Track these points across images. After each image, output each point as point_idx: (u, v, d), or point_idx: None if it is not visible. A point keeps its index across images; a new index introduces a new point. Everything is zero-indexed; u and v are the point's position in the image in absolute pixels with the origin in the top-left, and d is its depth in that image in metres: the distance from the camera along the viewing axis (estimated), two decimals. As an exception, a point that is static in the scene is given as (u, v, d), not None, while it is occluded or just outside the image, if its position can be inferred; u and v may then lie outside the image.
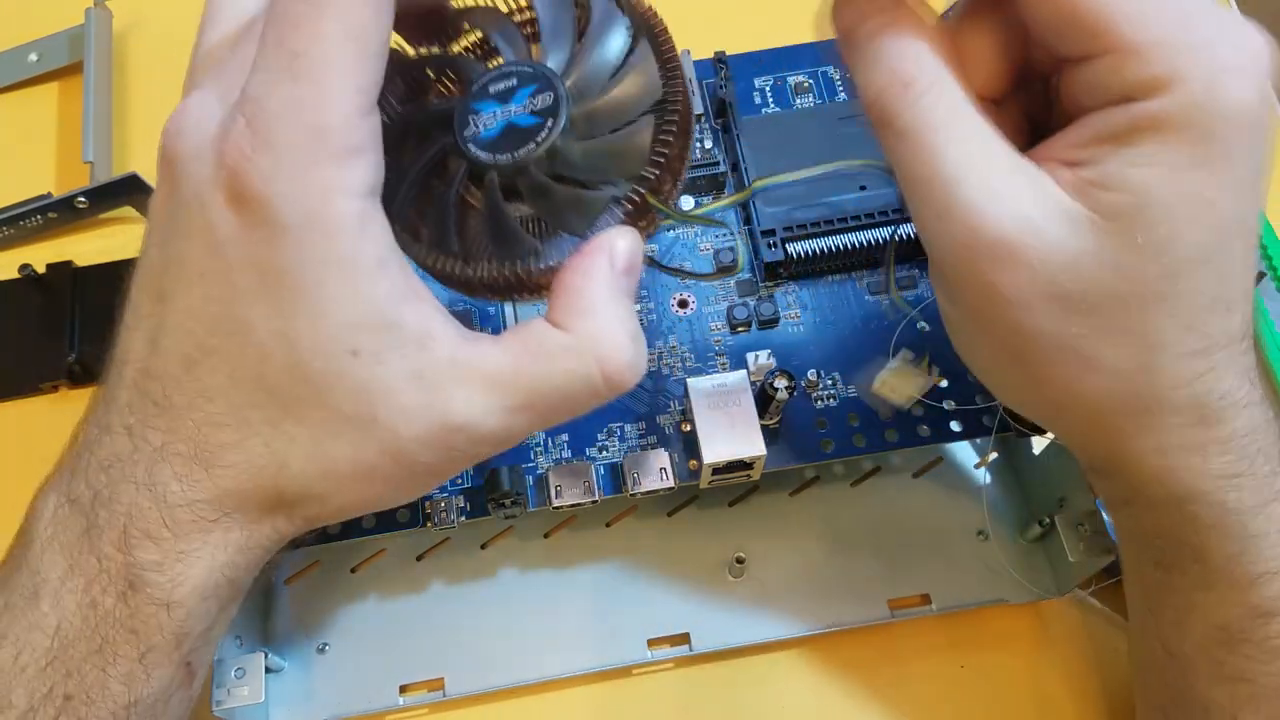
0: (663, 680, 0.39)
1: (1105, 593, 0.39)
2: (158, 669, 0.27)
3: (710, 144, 0.41)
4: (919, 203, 0.26)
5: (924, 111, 0.25)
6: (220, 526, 0.26)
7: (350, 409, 0.25)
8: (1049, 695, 0.38)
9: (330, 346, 0.25)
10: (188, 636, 0.27)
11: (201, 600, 0.27)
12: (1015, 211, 0.25)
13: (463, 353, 0.26)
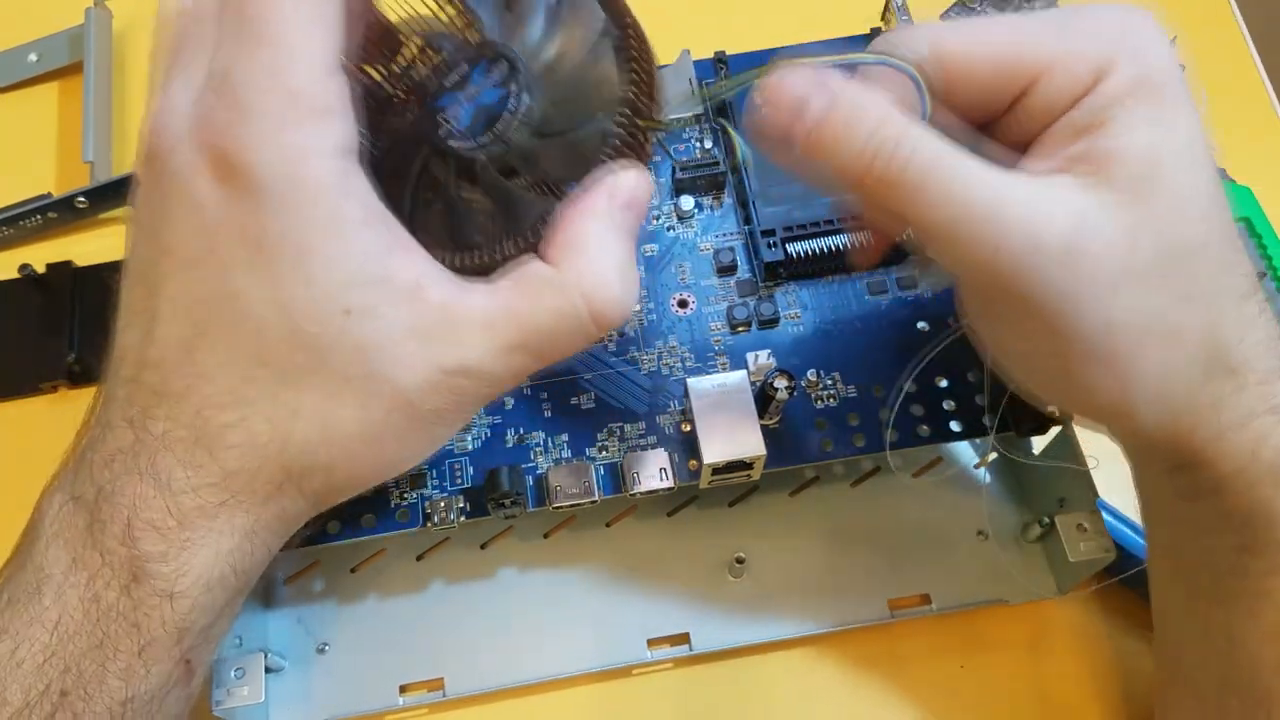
0: (663, 680, 0.39)
1: (1105, 592, 0.39)
2: (157, 664, 0.26)
3: (710, 144, 0.41)
4: (962, 240, 0.26)
5: (926, 156, 0.26)
6: (226, 510, 0.26)
7: (349, 369, 0.25)
8: (1049, 695, 0.38)
9: (323, 308, 0.25)
10: (189, 631, 0.27)
11: (205, 591, 0.26)
12: (1067, 209, 0.26)
13: (455, 299, 0.26)
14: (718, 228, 0.40)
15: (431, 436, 0.28)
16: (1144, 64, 0.26)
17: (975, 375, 0.37)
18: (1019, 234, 0.25)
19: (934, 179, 0.26)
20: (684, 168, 0.40)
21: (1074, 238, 0.25)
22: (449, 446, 0.36)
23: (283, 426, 0.26)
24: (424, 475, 0.35)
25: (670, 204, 0.40)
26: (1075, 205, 0.26)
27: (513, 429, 0.36)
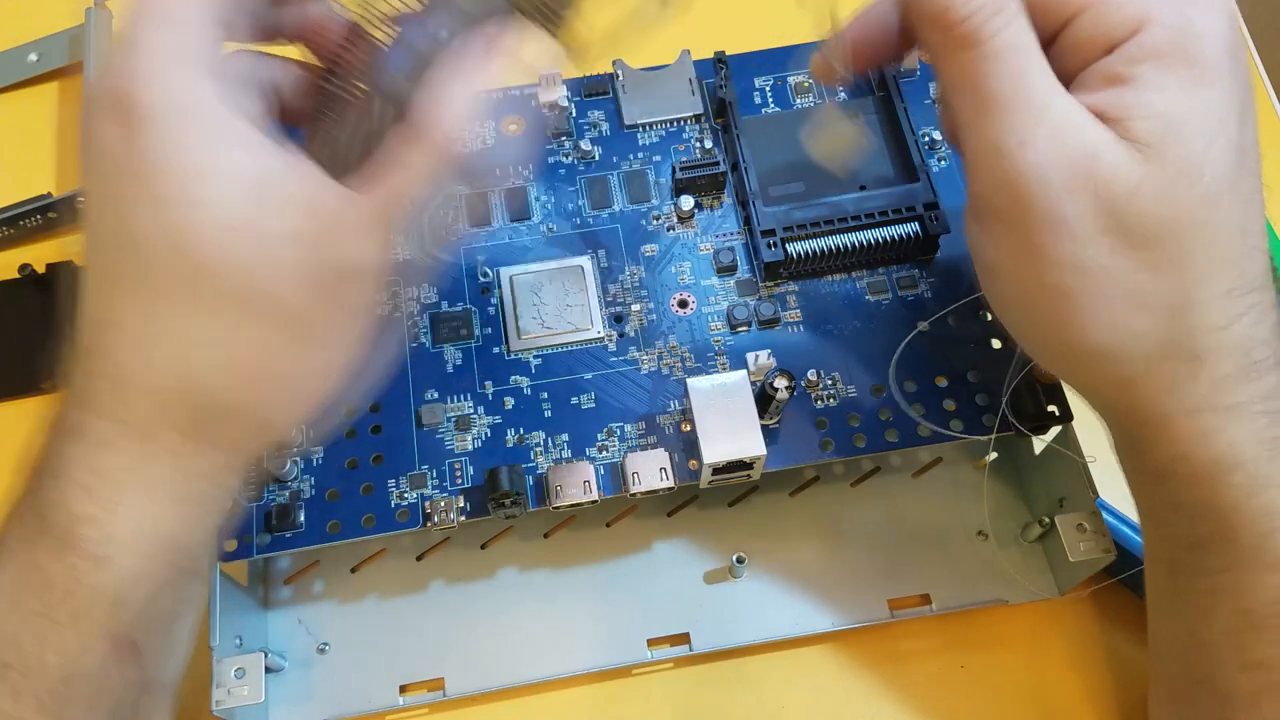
0: (663, 680, 0.39)
1: (1105, 592, 0.39)
2: (95, 640, 0.26)
3: (710, 144, 0.41)
4: (1001, 124, 0.26)
5: (1016, 34, 0.26)
6: (145, 464, 0.26)
7: (238, 289, 0.25)
8: (1049, 695, 0.38)
9: (206, 229, 0.25)
10: (124, 604, 0.26)
11: (137, 558, 0.26)
12: (1095, 137, 0.25)
13: (334, 202, 0.26)
14: (718, 228, 0.40)
15: (330, 359, 0.28)
16: (1187, 27, 0.25)
17: (975, 375, 0.37)
18: (1044, 140, 0.25)
19: (1012, 58, 0.26)
20: (684, 168, 0.40)
21: (1085, 167, 0.25)
22: (450, 446, 0.36)
23: (183, 362, 0.26)
24: (424, 475, 0.35)
25: (670, 204, 0.40)
26: (1100, 141, 0.25)
27: (513, 429, 0.36)
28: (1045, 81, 0.26)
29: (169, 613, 0.28)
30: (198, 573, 0.29)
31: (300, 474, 0.35)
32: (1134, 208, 0.25)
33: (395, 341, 0.38)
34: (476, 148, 0.42)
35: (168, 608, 0.28)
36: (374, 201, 0.27)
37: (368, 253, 0.27)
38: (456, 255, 0.38)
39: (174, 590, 0.28)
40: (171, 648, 0.30)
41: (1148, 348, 0.27)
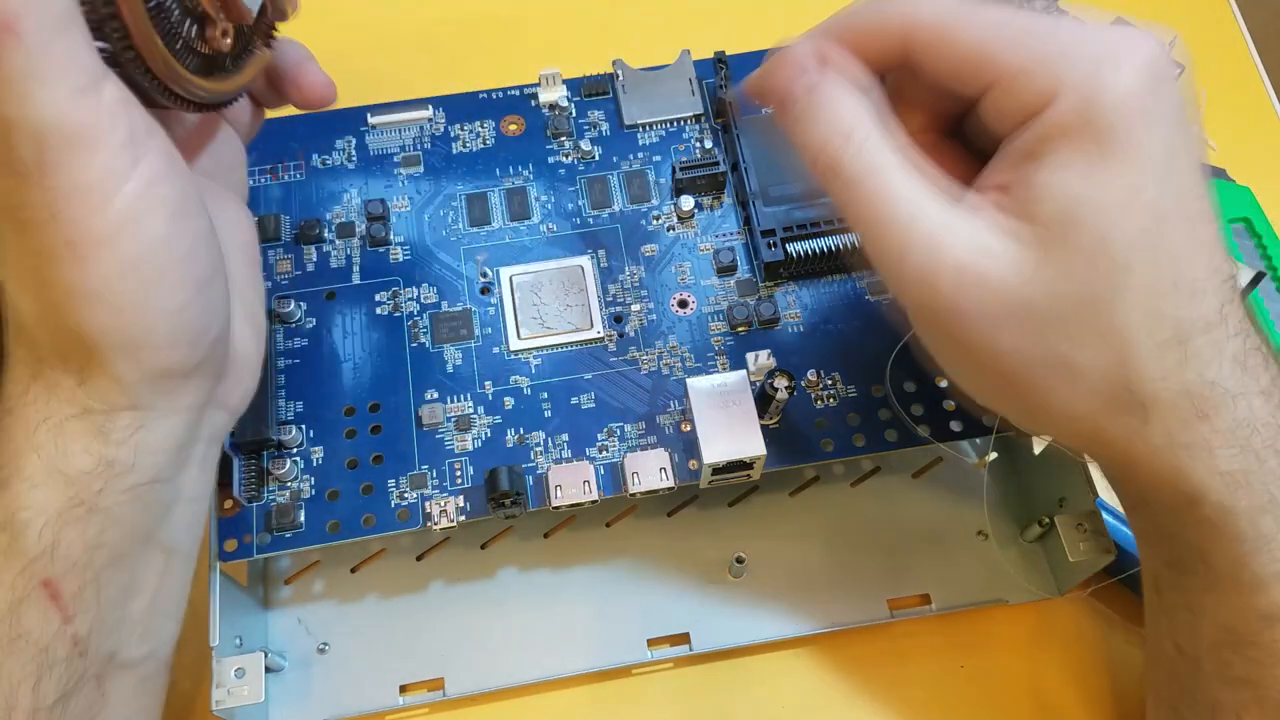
0: (663, 680, 0.39)
1: (1105, 592, 0.39)
2: (2, 572, 0.27)
3: (710, 144, 0.41)
4: (877, 246, 0.27)
5: (868, 156, 0.27)
6: (18, 393, 0.27)
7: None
8: (1049, 695, 0.38)
9: None
10: (24, 533, 0.27)
11: (28, 486, 0.27)
12: (969, 240, 0.26)
13: None
14: (718, 228, 0.40)
15: (51, 235, 0.26)
16: (1095, 96, 0.25)
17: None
18: (921, 249, 0.26)
19: (870, 181, 0.27)
20: (684, 168, 0.40)
21: (971, 268, 0.26)
22: (450, 446, 0.36)
23: (3, 286, 0.27)
24: (424, 475, 0.35)
25: (670, 204, 0.40)
26: (980, 233, 0.26)
27: (513, 429, 0.36)
28: (911, 195, 0.27)
29: (83, 559, 0.28)
30: (111, 518, 0.28)
31: (300, 474, 0.35)
32: (1036, 291, 0.26)
33: (394, 338, 0.38)
34: (477, 148, 0.42)
35: (77, 550, 0.27)
36: None
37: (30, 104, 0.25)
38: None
39: (80, 530, 0.27)
40: (117, 615, 0.29)
41: (1095, 407, 0.27)
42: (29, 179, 0.25)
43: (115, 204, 0.26)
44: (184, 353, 0.28)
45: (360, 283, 0.39)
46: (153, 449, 0.28)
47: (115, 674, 0.29)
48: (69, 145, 0.25)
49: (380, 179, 0.41)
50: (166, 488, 0.29)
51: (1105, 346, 0.26)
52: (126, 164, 0.26)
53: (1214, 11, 0.54)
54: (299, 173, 0.41)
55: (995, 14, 0.27)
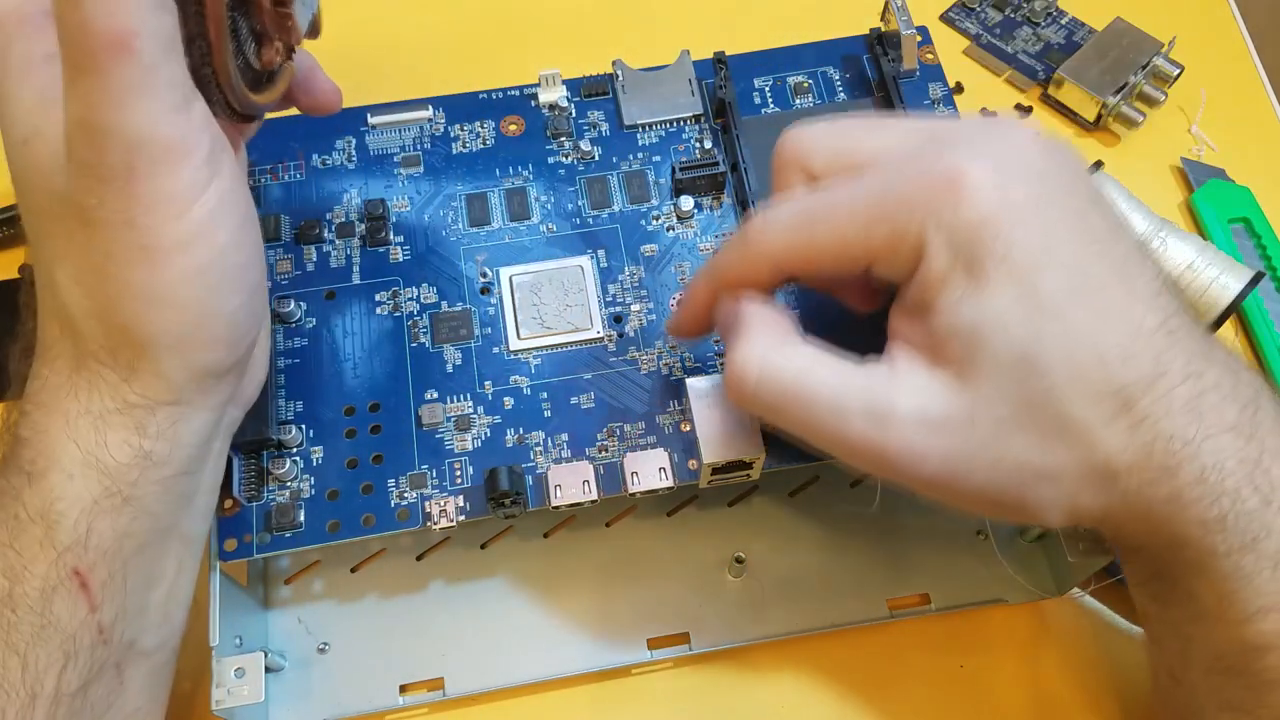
0: (663, 680, 0.39)
1: (1104, 592, 0.39)
2: (34, 562, 0.27)
3: (710, 144, 0.42)
4: (827, 445, 0.29)
5: (787, 380, 0.29)
6: (58, 387, 0.28)
7: (45, 200, 0.28)
8: (1048, 695, 0.38)
9: (14, 149, 0.27)
10: (59, 524, 0.27)
11: (65, 477, 0.27)
12: (907, 409, 0.27)
13: None
14: (718, 228, 0.40)
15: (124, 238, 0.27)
16: (953, 237, 0.26)
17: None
18: (863, 438, 0.28)
19: (794, 397, 0.29)
20: (684, 168, 0.40)
21: (915, 438, 0.27)
22: (449, 446, 0.36)
23: (48, 278, 0.28)
24: (424, 475, 0.35)
25: (670, 204, 0.40)
26: (912, 400, 0.27)
27: (512, 429, 0.36)
28: (829, 377, 0.29)
29: (113, 548, 0.28)
30: (142, 509, 0.29)
31: (300, 473, 0.35)
32: (984, 427, 0.27)
33: (396, 341, 0.38)
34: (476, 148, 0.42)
35: (109, 540, 0.28)
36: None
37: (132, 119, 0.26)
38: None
39: (112, 521, 0.28)
40: (139, 604, 0.30)
41: (1076, 493, 0.27)
42: (113, 184, 0.26)
43: (193, 214, 0.27)
44: (228, 352, 0.30)
45: (360, 282, 0.39)
46: (185, 442, 0.30)
47: (134, 662, 0.30)
48: (160, 158, 0.26)
49: (380, 179, 0.41)
50: (192, 479, 0.31)
51: (1065, 441, 0.26)
52: (206, 178, 0.28)
53: (1214, 11, 0.54)
54: (299, 173, 0.41)
55: (834, 200, 0.29)
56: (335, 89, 0.35)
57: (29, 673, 0.27)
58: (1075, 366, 0.26)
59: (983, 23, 0.53)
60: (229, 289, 0.29)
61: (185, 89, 0.27)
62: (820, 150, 0.30)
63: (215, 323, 0.29)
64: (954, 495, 0.29)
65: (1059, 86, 0.49)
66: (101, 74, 0.25)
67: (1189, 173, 0.49)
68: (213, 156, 0.28)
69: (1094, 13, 0.52)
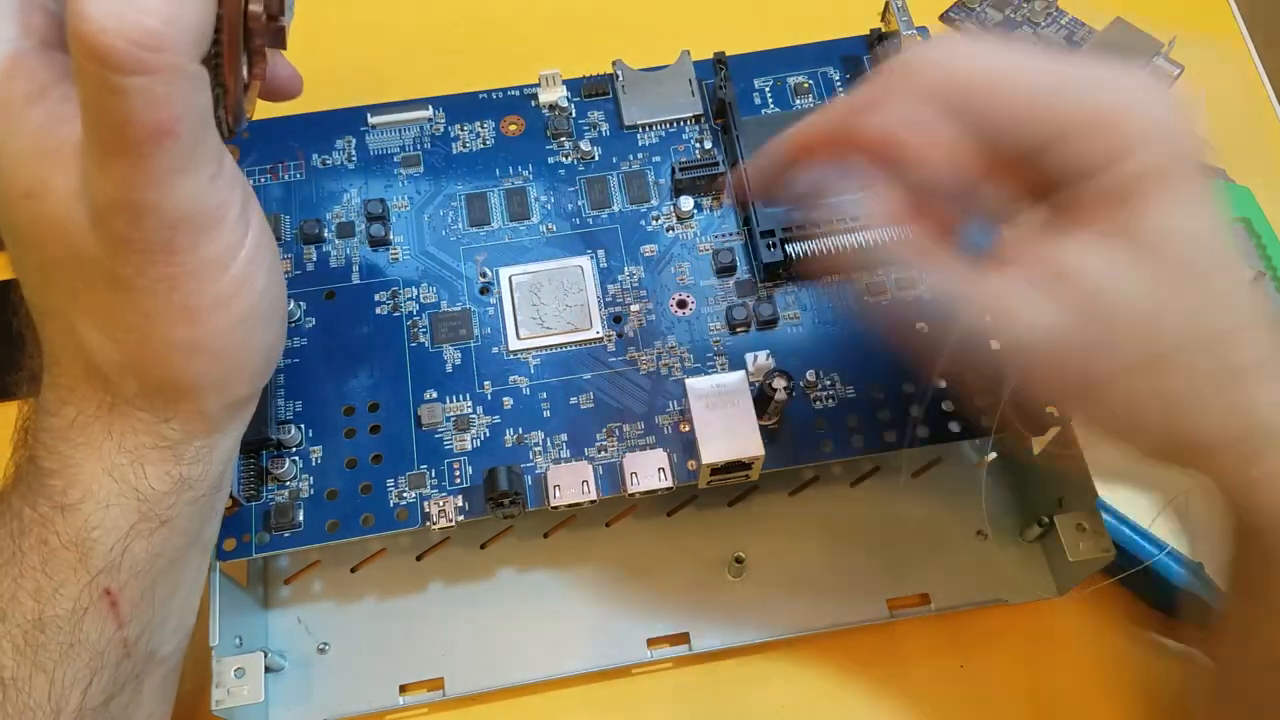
0: (662, 680, 0.39)
1: (1105, 592, 0.39)
2: (65, 585, 0.27)
3: (710, 144, 0.41)
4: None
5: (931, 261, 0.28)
6: (84, 422, 0.28)
7: (57, 254, 0.26)
8: (1048, 695, 0.38)
9: (13, 200, 0.26)
10: (93, 550, 0.27)
11: (100, 507, 0.27)
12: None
13: None
14: (717, 228, 0.40)
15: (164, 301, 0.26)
16: (1176, 147, 0.26)
17: (974, 375, 0.37)
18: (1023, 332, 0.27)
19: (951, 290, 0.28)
20: (684, 168, 0.40)
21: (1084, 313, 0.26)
22: (449, 446, 0.36)
23: (68, 326, 0.27)
24: (423, 475, 0.35)
25: (670, 204, 0.40)
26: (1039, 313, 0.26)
27: (512, 429, 0.36)
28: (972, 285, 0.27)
29: (146, 567, 0.29)
30: (174, 528, 0.29)
31: (299, 473, 0.35)
32: (1167, 324, 0.26)
33: (395, 342, 0.38)
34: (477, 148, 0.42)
35: (142, 561, 0.28)
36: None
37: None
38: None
39: (147, 543, 0.28)
40: (163, 615, 0.30)
41: (1226, 438, 0.27)
42: (152, 258, 0.26)
43: (232, 272, 0.27)
44: (262, 380, 0.31)
45: (360, 282, 0.39)
46: (217, 462, 0.30)
47: (152, 671, 0.30)
48: (200, 228, 0.26)
49: (380, 179, 0.41)
50: (219, 492, 0.31)
51: (1226, 379, 0.26)
52: (242, 234, 0.27)
53: (1214, 11, 0.54)
54: (299, 172, 0.41)
55: (1048, 61, 0.27)
56: (296, 74, 0.33)
57: (55, 690, 0.27)
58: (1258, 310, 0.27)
59: (983, 23, 0.53)
60: (265, 327, 0.29)
61: (218, 152, 0.26)
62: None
63: (255, 360, 0.30)
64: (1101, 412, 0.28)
65: (1059, 86, 0.49)
66: (142, 158, 0.24)
67: (1189, 173, 0.48)
68: (244, 209, 0.28)
69: (1094, 13, 0.52)
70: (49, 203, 0.25)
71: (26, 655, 0.27)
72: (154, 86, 0.23)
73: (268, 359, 0.31)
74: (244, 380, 0.30)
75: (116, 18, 0.22)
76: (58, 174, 0.25)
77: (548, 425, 0.36)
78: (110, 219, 0.25)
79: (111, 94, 0.22)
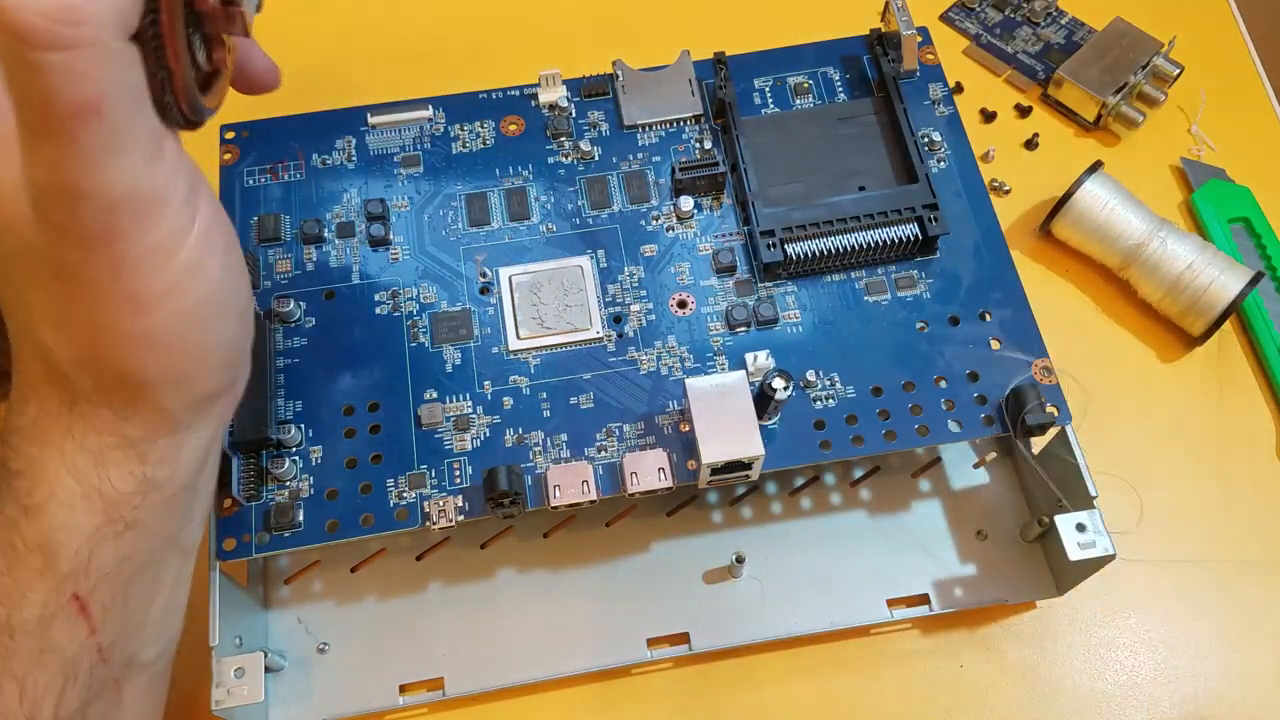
0: (662, 680, 0.39)
1: (1105, 592, 0.39)
2: (32, 590, 0.27)
3: (710, 144, 0.42)
4: None
5: None
6: (45, 421, 0.27)
7: (6, 243, 0.26)
8: (1048, 695, 0.38)
9: None
10: (58, 554, 0.27)
11: (63, 508, 0.27)
12: None
13: None
14: (717, 228, 0.40)
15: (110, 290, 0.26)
16: None
17: (974, 375, 0.37)
18: None
19: None
20: (683, 168, 0.40)
21: None
22: (449, 446, 0.36)
23: (26, 323, 0.27)
24: (423, 475, 0.35)
25: (670, 204, 0.40)
26: None
27: (512, 429, 0.36)
28: None
29: (114, 571, 0.28)
30: (143, 530, 0.28)
31: (299, 473, 0.35)
32: None
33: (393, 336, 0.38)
34: (476, 148, 0.42)
35: (110, 565, 0.28)
36: None
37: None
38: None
39: (114, 545, 0.28)
40: (140, 620, 0.29)
41: None
42: (93, 245, 0.25)
43: (179, 258, 0.26)
44: (226, 374, 0.30)
45: (359, 282, 0.39)
46: (186, 461, 0.29)
47: (132, 676, 0.30)
48: (140, 213, 0.25)
49: (380, 179, 0.41)
50: (192, 493, 0.30)
51: None
52: (188, 220, 0.26)
53: (1214, 11, 0.54)
54: (299, 172, 0.41)
55: None
56: (273, 66, 0.32)
57: (27, 698, 0.27)
58: None
59: (983, 23, 0.53)
60: (222, 319, 0.28)
61: (156, 135, 0.25)
62: None
63: (213, 353, 0.28)
64: None
65: (1059, 86, 0.49)
66: (69, 139, 0.23)
67: (1189, 173, 0.49)
68: (191, 194, 0.26)
69: (1094, 13, 0.52)
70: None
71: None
72: (74, 62, 0.22)
73: (230, 352, 0.29)
74: (205, 375, 0.29)
75: None
76: (2, 165, 0.25)
77: (548, 425, 0.36)
78: (47, 205, 0.24)
79: (31, 71, 0.22)
